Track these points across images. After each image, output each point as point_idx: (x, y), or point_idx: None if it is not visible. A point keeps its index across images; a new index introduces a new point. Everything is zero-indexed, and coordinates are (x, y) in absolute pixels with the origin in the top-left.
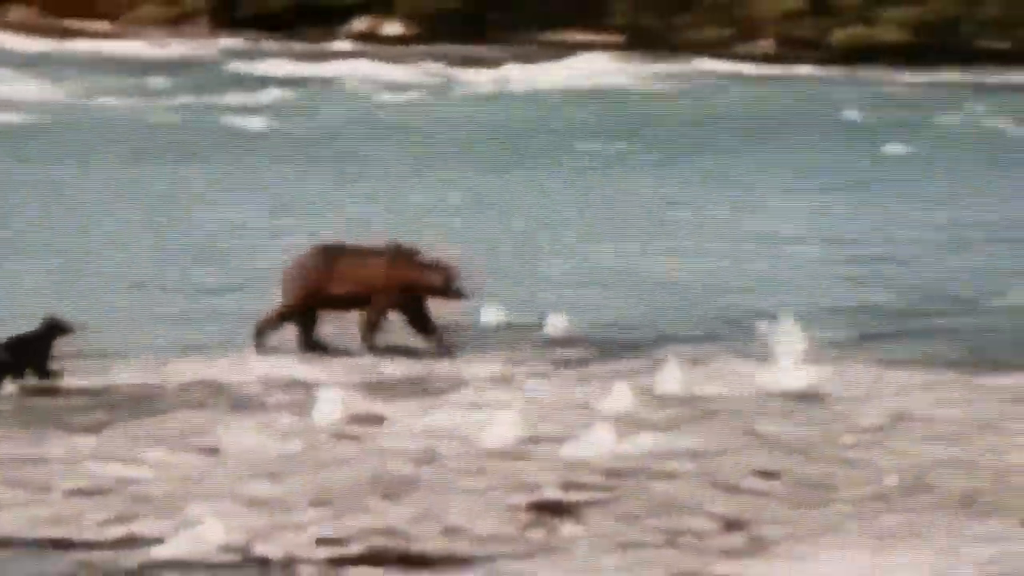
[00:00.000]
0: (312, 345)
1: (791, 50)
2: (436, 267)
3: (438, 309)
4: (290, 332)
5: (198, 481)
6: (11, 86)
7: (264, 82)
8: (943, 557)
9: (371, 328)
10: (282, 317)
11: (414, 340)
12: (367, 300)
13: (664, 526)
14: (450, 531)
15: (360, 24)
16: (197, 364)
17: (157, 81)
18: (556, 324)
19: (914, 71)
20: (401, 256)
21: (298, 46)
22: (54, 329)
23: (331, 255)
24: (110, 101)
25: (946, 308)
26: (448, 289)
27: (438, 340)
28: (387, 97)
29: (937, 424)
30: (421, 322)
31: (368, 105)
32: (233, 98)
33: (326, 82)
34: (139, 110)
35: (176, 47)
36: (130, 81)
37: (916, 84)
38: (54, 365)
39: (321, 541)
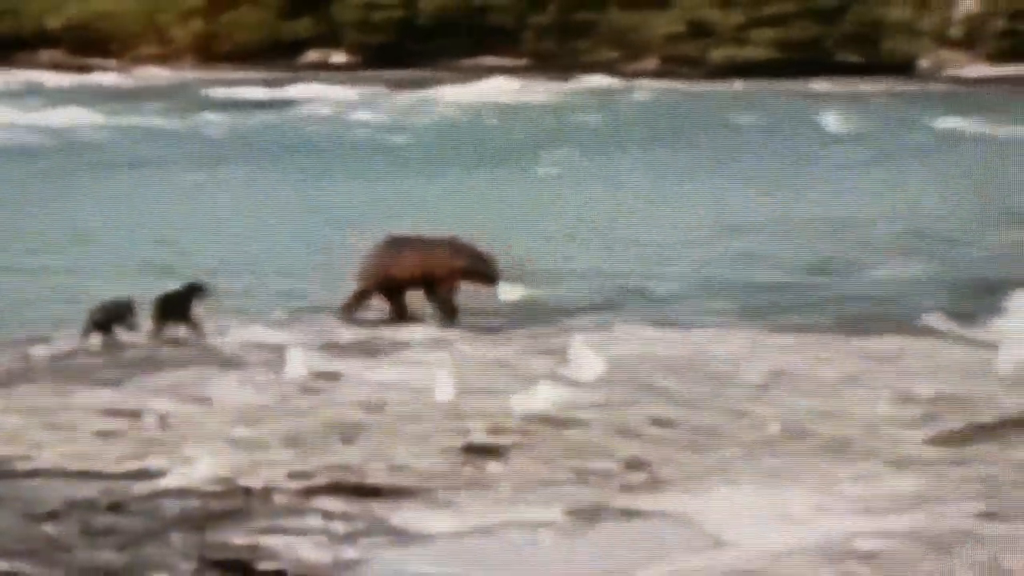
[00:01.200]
0: (402, 317)
1: (674, 67)
2: (484, 256)
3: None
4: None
5: (193, 426)
6: (41, 112)
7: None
8: (819, 494)
9: (447, 305)
10: (360, 298)
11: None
12: (429, 283)
13: (575, 466)
14: (396, 468)
15: (312, 55)
16: (190, 330)
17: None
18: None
19: (782, 83)
20: (457, 246)
21: (265, 74)
22: (193, 290)
23: (400, 245)
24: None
25: (820, 282)
26: (492, 275)
27: (453, 317)
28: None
29: (813, 380)
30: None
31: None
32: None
33: (290, 103)
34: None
35: (168, 77)
36: (131, 105)
37: (784, 93)
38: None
39: (292, 475)
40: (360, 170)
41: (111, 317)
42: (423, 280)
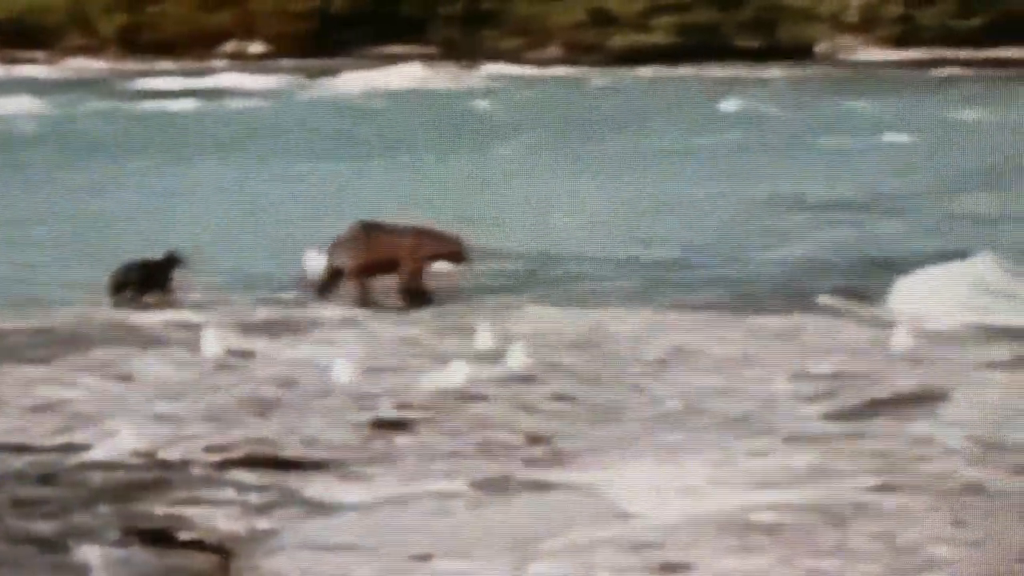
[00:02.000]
0: (366, 302)
1: (577, 54)
2: (451, 238)
3: None
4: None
5: (117, 401)
6: None
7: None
8: (717, 468)
9: (417, 289)
10: (332, 279)
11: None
12: (399, 267)
13: (479, 439)
14: (308, 441)
15: (231, 46)
16: (116, 310)
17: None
18: None
19: (682, 68)
20: (425, 231)
21: (187, 64)
22: (172, 260)
23: (371, 230)
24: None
25: (716, 261)
26: (461, 255)
27: (423, 300)
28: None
29: (711, 357)
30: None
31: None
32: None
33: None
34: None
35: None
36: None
37: (685, 78)
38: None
39: (209, 448)
40: (275, 154)
41: (135, 278)
42: (393, 264)
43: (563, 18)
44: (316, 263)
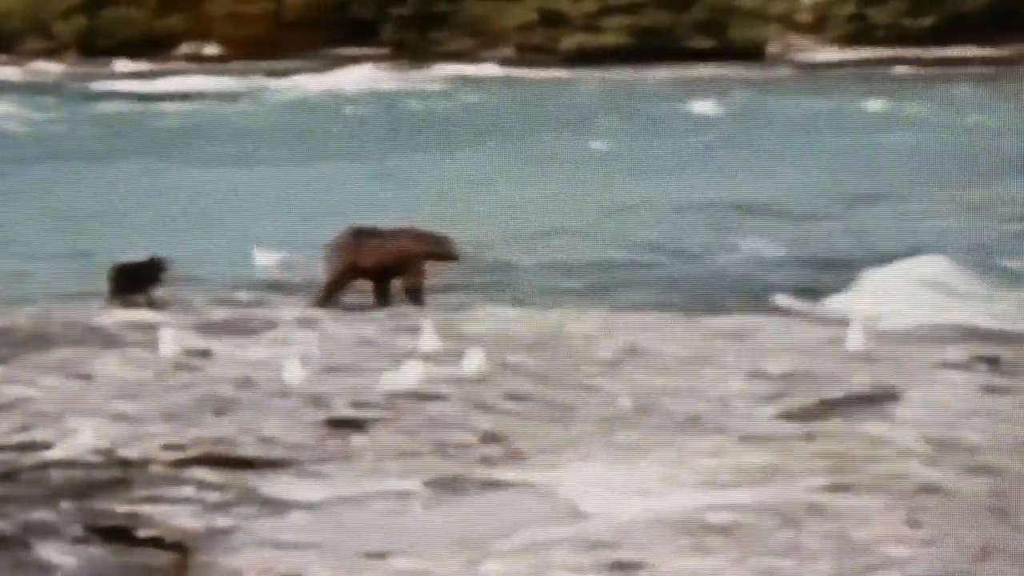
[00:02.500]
0: (384, 303)
1: (528, 55)
2: (442, 238)
3: None
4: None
5: (76, 400)
6: None
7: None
8: (670, 467)
9: (416, 290)
10: (333, 288)
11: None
12: (397, 270)
13: (434, 439)
14: (265, 440)
15: (186, 48)
16: (75, 311)
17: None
18: None
19: (635, 69)
20: (417, 233)
21: (144, 66)
22: (159, 263)
23: (365, 236)
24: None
25: (671, 262)
26: (452, 254)
27: (422, 301)
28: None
29: (664, 357)
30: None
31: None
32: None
33: (162, 94)
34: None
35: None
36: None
37: (635, 80)
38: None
39: (167, 447)
40: (219, 155)
41: (131, 278)
42: (391, 267)
43: (514, 19)
44: (265, 261)
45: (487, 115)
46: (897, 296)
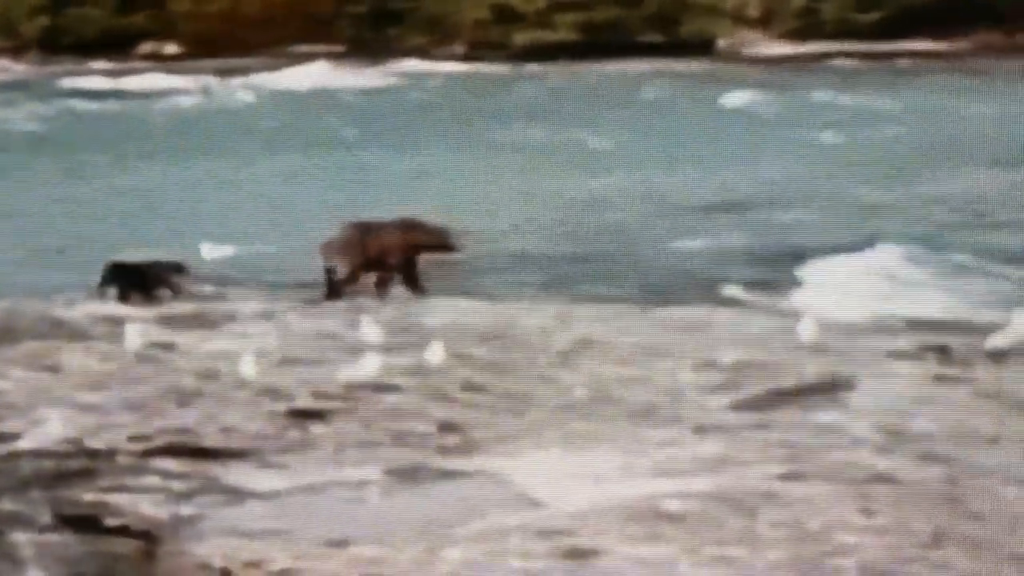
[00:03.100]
0: (385, 293)
1: (482, 51)
2: (440, 230)
3: None
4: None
5: (45, 392)
6: None
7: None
8: (625, 457)
9: (416, 280)
10: (346, 283)
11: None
12: (396, 262)
13: (393, 428)
14: (227, 431)
15: (147, 47)
16: (43, 305)
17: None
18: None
19: (587, 64)
20: (416, 224)
21: (106, 64)
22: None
23: (367, 229)
24: None
25: (624, 253)
26: (452, 245)
27: (420, 288)
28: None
29: (618, 349)
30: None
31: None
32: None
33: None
34: None
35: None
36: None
37: (588, 74)
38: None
39: (133, 437)
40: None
41: (125, 277)
42: (393, 258)
43: (468, 15)
44: (213, 255)
45: (442, 110)
46: (848, 287)
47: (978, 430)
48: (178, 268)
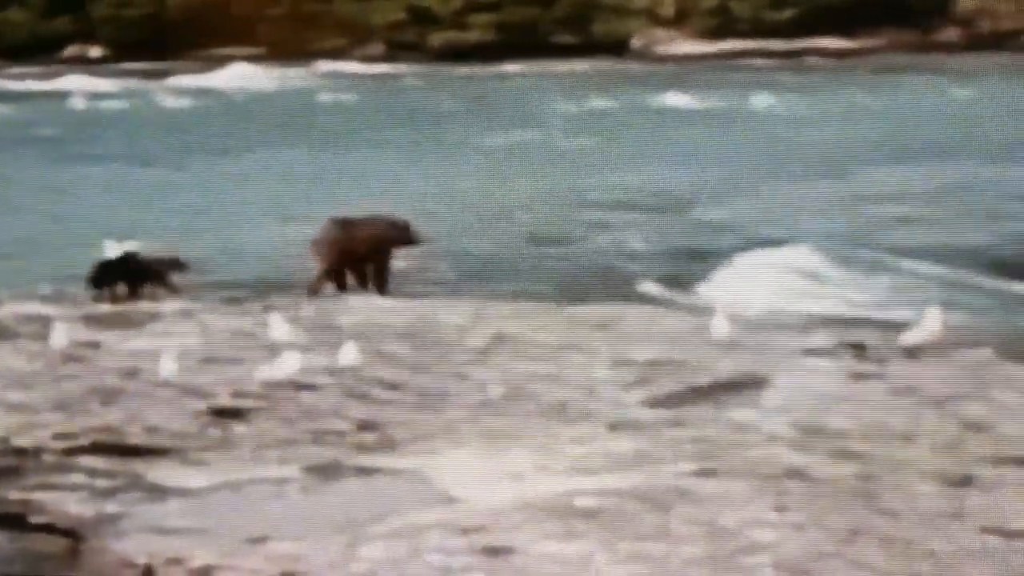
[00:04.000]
0: (365, 285)
1: (398, 52)
2: (405, 224)
3: None
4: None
5: None
6: None
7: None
8: (540, 454)
9: (384, 275)
10: (325, 277)
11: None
12: (369, 257)
13: (311, 427)
14: (151, 429)
15: (72, 50)
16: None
17: None
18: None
19: (502, 64)
20: (386, 220)
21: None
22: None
23: (345, 225)
24: None
25: (539, 252)
26: (416, 239)
27: (384, 285)
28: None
29: (533, 345)
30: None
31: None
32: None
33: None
34: None
35: None
36: None
37: (501, 75)
38: None
39: (59, 436)
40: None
41: (110, 274)
42: (367, 253)
43: (385, 17)
44: (115, 252)
45: (358, 111)
46: (762, 284)
47: (893, 427)
48: (177, 264)
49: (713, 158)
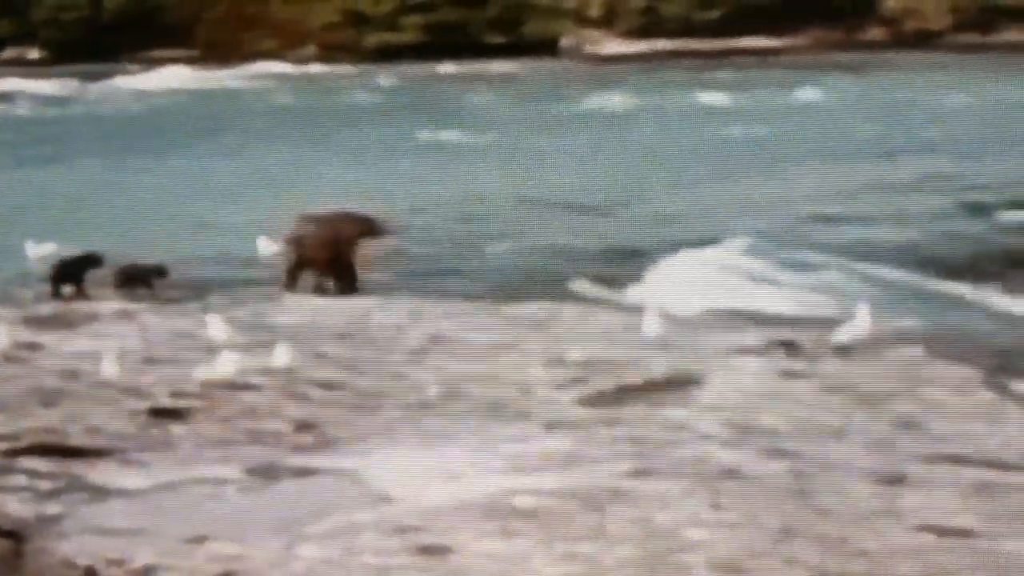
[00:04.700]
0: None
1: (332, 53)
2: (374, 218)
3: None
4: None
5: None
6: None
7: None
8: (477, 453)
9: (351, 270)
10: (295, 270)
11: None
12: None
13: (250, 427)
14: (91, 430)
15: (10, 52)
16: None
17: None
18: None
19: (432, 64)
20: (354, 215)
21: None
22: (88, 259)
23: (314, 221)
24: None
25: (472, 253)
26: (385, 231)
27: (355, 282)
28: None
29: (468, 345)
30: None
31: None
32: None
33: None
34: None
35: None
36: None
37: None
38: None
39: (0, 437)
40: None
41: (70, 272)
42: (335, 248)
43: (319, 19)
44: (35, 252)
45: (292, 111)
46: (694, 283)
47: (824, 424)
48: (159, 271)
49: (643, 158)
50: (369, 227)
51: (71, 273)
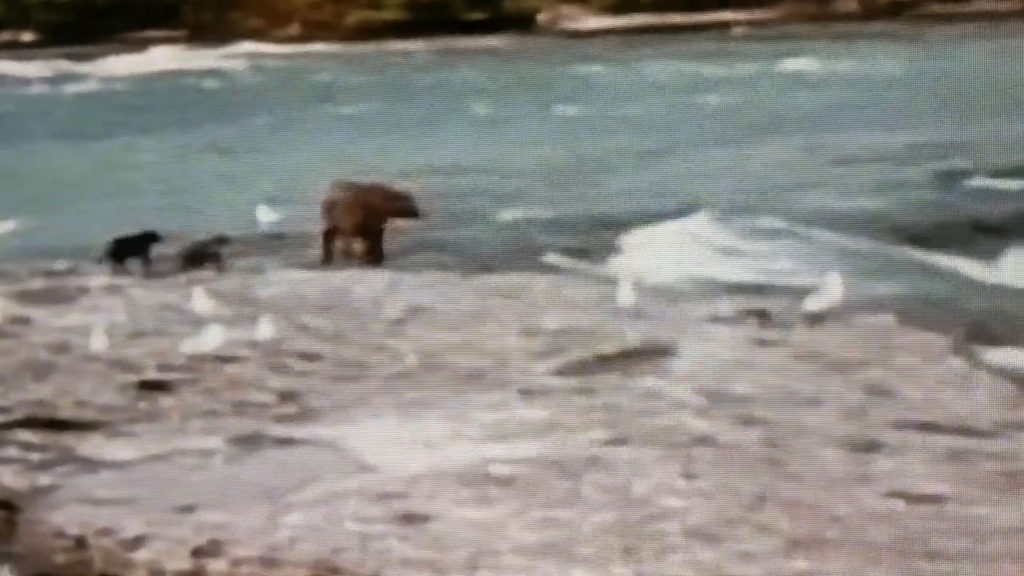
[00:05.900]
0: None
1: (315, 32)
2: (409, 195)
3: None
4: None
5: None
6: None
7: None
8: (455, 422)
9: (379, 245)
10: (329, 237)
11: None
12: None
13: (234, 398)
14: (81, 403)
15: (4, 35)
16: None
17: None
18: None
19: (414, 41)
20: (389, 189)
21: None
22: (148, 236)
23: (350, 188)
24: None
25: (450, 224)
26: (417, 211)
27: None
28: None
29: (445, 315)
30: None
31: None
32: None
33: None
34: None
35: None
36: None
37: (416, 52)
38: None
39: None
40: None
41: (125, 250)
42: (364, 220)
43: None
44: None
45: (275, 89)
46: (666, 253)
47: (797, 392)
48: (221, 240)
49: (616, 129)
50: (401, 204)
51: (134, 250)
